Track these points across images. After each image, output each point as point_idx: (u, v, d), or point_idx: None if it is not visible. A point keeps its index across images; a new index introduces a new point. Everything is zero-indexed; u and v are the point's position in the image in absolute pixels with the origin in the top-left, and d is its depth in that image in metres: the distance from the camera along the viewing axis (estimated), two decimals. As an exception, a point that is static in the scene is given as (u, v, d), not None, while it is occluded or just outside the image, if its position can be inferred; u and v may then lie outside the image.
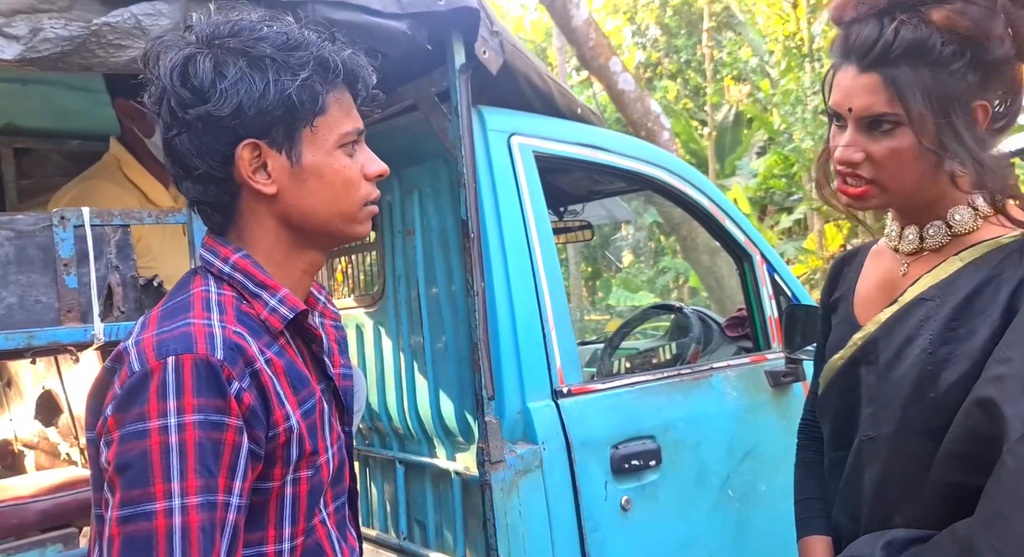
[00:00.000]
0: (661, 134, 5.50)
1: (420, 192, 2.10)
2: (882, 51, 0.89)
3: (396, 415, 2.20)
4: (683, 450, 1.97)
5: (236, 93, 0.78)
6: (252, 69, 0.79)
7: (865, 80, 0.90)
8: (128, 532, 0.70)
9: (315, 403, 0.85)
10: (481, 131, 1.83)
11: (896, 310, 0.96)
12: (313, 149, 0.83)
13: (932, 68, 0.88)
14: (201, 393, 0.73)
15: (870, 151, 0.92)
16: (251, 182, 0.82)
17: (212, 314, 0.79)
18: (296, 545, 0.82)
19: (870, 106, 0.90)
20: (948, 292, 0.92)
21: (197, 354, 0.74)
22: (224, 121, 0.79)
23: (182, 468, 0.71)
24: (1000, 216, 0.91)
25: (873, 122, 0.91)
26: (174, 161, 0.83)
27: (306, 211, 0.84)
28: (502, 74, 1.79)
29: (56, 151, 2.37)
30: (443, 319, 2.02)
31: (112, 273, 1.16)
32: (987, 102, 0.91)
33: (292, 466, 0.80)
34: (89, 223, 1.13)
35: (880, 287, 1.04)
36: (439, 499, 2.08)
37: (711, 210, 2.30)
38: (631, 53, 14.57)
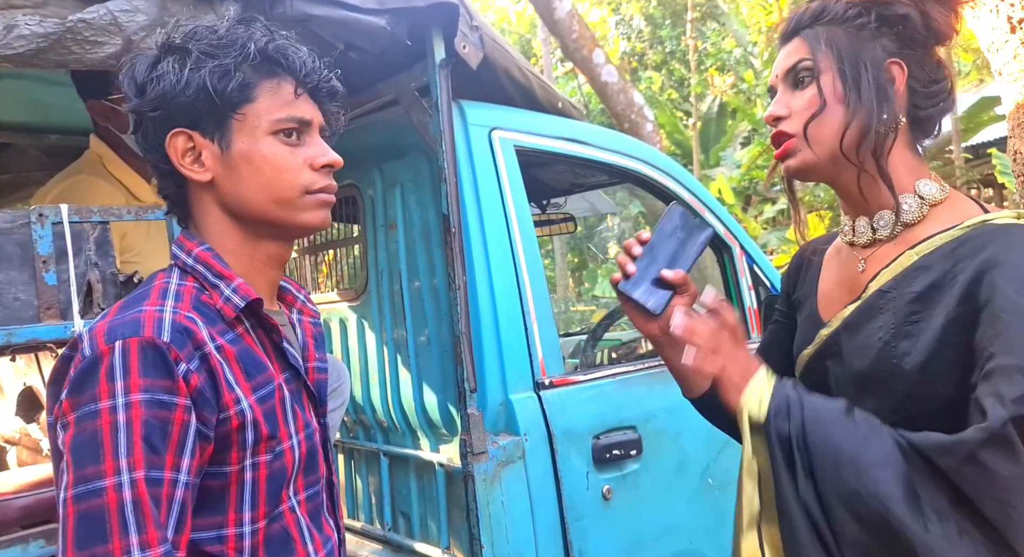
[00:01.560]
0: (644, 126, 5.51)
1: (402, 186, 2.11)
2: (796, 21, 0.99)
3: (380, 408, 2.21)
4: (664, 440, 2.00)
5: (160, 86, 0.84)
6: (178, 63, 0.84)
7: (788, 47, 0.99)
8: (81, 509, 0.72)
9: (273, 390, 0.87)
10: (462, 125, 1.84)
11: (858, 305, 0.97)
12: (242, 136, 0.87)
13: (842, 26, 0.95)
14: (147, 373, 0.76)
15: (792, 105, 0.97)
16: (183, 170, 0.87)
17: (167, 302, 0.83)
18: (258, 529, 0.84)
19: (790, 61, 0.98)
20: (905, 285, 0.92)
21: (144, 337, 0.77)
22: (153, 113, 0.85)
23: (129, 444, 0.73)
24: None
25: (795, 78, 0.97)
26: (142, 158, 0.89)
27: (240, 198, 0.88)
28: (482, 69, 1.80)
29: (34, 146, 2.35)
30: (426, 313, 2.03)
31: (91, 270, 1.17)
32: (902, 62, 0.94)
33: (249, 450, 0.83)
34: (68, 220, 1.13)
35: (841, 284, 1.04)
36: (423, 490, 2.10)
37: (690, 202, 2.32)
38: (615, 44, 14.57)
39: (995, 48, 1.84)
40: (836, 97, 0.94)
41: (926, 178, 0.97)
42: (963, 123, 8.90)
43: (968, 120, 9.08)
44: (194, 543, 0.81)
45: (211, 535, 0.82)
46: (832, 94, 0.94)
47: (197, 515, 0.81)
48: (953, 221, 0.92)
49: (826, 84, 0.94)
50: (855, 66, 0.94)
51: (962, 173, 8.36)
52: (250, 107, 0.86)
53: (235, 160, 0.87)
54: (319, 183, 0.91)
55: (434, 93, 1.71)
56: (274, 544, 0.86)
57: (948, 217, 0.93)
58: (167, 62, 0.85)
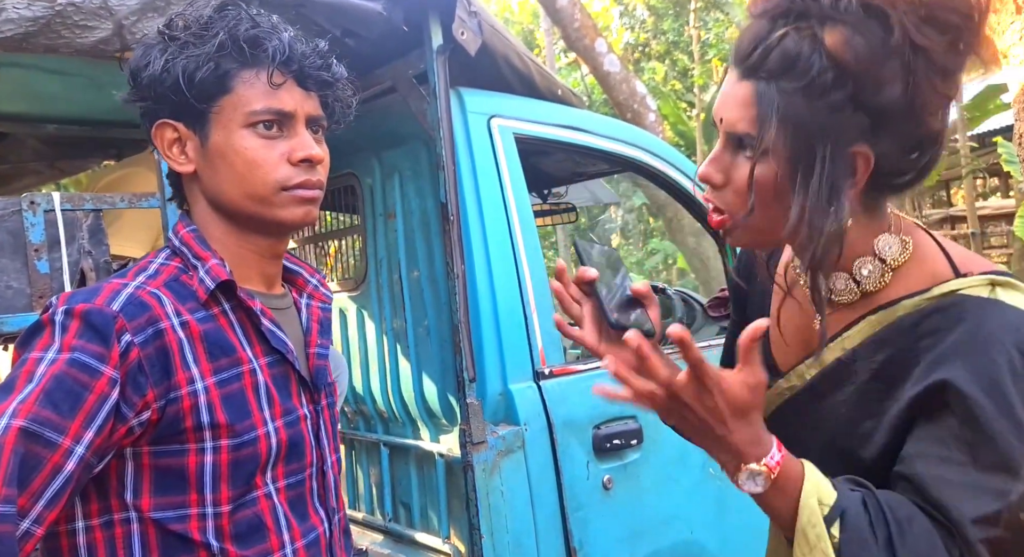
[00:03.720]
0: (647, 116, 5.48)
1: (401, 175, 2.09)
2: (759, 58, 0.77)
3: (380, 398, 2.20)
4: (664, 430, 1.96)
5: (143, 77, 0.84)
6: (160, 52, 0.83)
7: (740, 90, 0.79)
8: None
9: (240, 374, 0.85)
10: (460, 113, 1.83)
11: (817, 372, 0.87)
12: (218, 129, 0.85)
13: (806, 92, 0.74)
14: (82, 336, 0.75)
15: (730, 175, 0.81)
16: (169, 161, 0.88)
17: (138, 278, 0.83)
18: (222, 513, 0.83)
19: (736, 123, 0.79)
20: (866, 357, 0.82)
21: (93, 305, 0.77)
22: (141, 104, 0.86)
23: (30, 393, 0.71)
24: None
25: (739, 142, 0.80)
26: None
27: (217, 192, 0.87)
28: (481, 55, 1.78)
29: (32, 136, 2.34)
30: (425, 302, 2.02)
31: (85, 258, 1.16)
32: (871, 152, 0.76)
33: (208, 433, 0.81)
34: (60, 208, 1.12)
35: (797, 333, 0.91)
36: (423, 481, 2.10)
37: (693, 191, 2.30)
38: (619, 34, 14.49)
39: (1000, 30, 1.81)
40: (778, 190, 0.77)
41: (885, 233, 0.83)
42: (968, 112, 8.84)
43: (973, 108, 9.01)
44: (160, 522, 0.81)
45: (173, 514, 0.81)
46: (774, 186, 0.77)
47: (160, 493, 0.80)
48: (920, 283, 0.81)
49: (769, 171, 0.77)
50: (809, 156, 0.75)
51: (967, 162, 8.31)
52: (226, 99, 0.84)
53: (211, 154, 0.85)
54: (295, 178, 0.86)
55: (432, 80, 1.69)
56: (243, 529, 0.85)
57: (914, 276, 0.82)
58: (153, 51, 0.84)
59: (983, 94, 8.99)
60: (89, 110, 2.29)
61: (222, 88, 0.83)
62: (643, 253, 11.99)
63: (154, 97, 0.84)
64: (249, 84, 0.84)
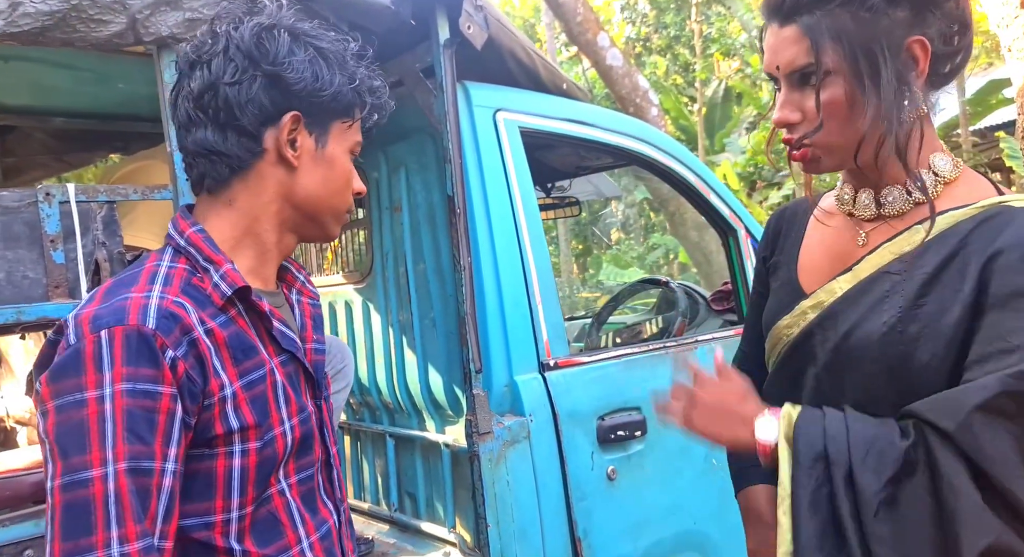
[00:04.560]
0: (649, 110, 5.49)
1: (407, 168, 2.10)
2: (794, 1, 0.85)
3: (386, 389, 2.22)
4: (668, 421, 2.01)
5: (307, 69, 0.87)
6: (320, 57, 0.89)
7: (786, 33, 0.86)
8: (68, 499, 0.73)
9: (264, 375, 0.88)
10: (467, 107, 1.84)
11: (857, 283, 0.90)
12: (336, 143, 0.93)
13: (848, 8, 0.83)
14: (131, 362, 0.76)
15: (804, 108, 0.87)
16: (283, 148, 0.88)
17: (154, 286, 0.82)
18: (245, 514, 0.84)
19: (792, 60, 0.86)
20: (915, 266, 0.85)
21: (128, 325, 0.77)
22: (289, 87, 0.86)
23: (114, 435, 0.74)
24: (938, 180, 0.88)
25: (801, 77, 0.86)
26: (207, 107, 0.87)
27: (311, 193, 0.92)
28: (487, 49, 1.79)
29: (39, 129, 2.35)
30: (431, 294, 2.04)
31: (99, 249, 1.17)
32: (924, 38, 0.83)
33: (237, 436, 0.83)
34: (74, 199, 1.14)
35: (829, 253, 0.96)
36: (429, 471, 2.12)
37: (696, 185, 2.32)
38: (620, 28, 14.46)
39: (1004, 24, 1.82)
40: (849, 103, 0.84)
41: (940, 152, 0.90)
42: (971, 106, 8.82)
43: (976, 103, 9.00)
44: (181, 529, 0.81)
45: (198, 522, 0.82)
46: (846, 99, 0.84)
47: (184, 502, 0.81)
48: (966, 200, 0.86)
49: (837, 89, 0.84)
50: (871, 60, 0.82)
51: (970, 157, 8.30)
52: (348, 122, 0.93)
53: (324, 160, 0.92)
54: (350, 205, 0.98)
55: (438, 74, 1.70)
56: (261, 528, 0.86)
57: (960, 195, 0.87)
58: (307, 50, 0.88)
59: (985, 89, 8.98)
60: (96, 104, 2.30)
61: (350, 112, 0.93)
62: (644, 248, 11.99)
63: (297, 90, 0.87)
64: (359, 119, 0.95)
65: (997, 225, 0.82)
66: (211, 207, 0.91)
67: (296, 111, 0.88)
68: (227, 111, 0.86)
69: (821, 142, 0.87)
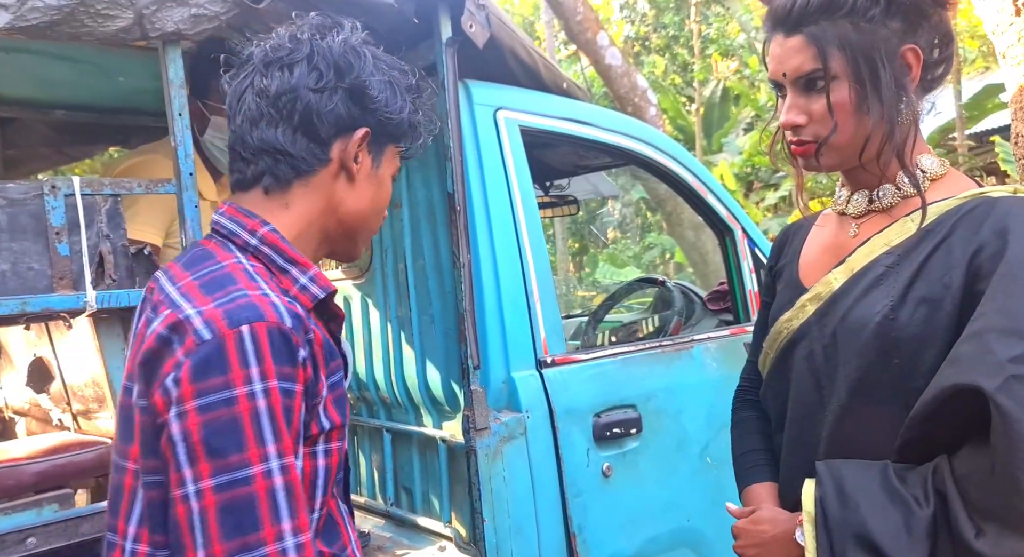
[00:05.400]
0: (648, 109, 5.50)
1: (407, 165, 2.11)
2: (800, 12, 0.93)
3: (384, 385, 2.24)
4: (664, 419, 2.03)
5: (384, 90, 0.91)
6: (394, 84, 0.93)
7: (792, 43, 0.94)
8: (226, 499, 0.71)
9: (342, 377, 0.89)
10: (467, 105, 1.85)
11: (852, 274, 0.96)
12: (386, 165, 0.96)
13: (850, 19, 0.91)
14: (277, 360, 0.75)
15: (810, 111, 0.95)
16: (348, 161, 0.90)
17: (259, 285, 0.80)
18: (321, 515, 0.85)
19: (800, 66, 0.93)
20: (905, 257, 0.91)
21: (269, 322, 0.76)
22: (367, 103, 0.90)
23: (275, 431, 0.73)
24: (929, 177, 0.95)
25: (807, 82, 0.94)
26: (283, 107, 0.87)
27: (359, 210, 0.94)
28: (488, 48, 1.80)
29: (41, 121, 2.35)
30: (430, 291, 2.05)
31: (103, 241, 1.18)
32: (917, 46, 0.92)
33: (323, 437, 0.83)
34: (80, 192, 1.15)
35: (826, 250, 1.04)
36: (426, 466, 2.13)
37: (694, 185, 2.33)
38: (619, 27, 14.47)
39: (1000, 31, 1.84)
40: (854, 105, 0.92)
41: (927, 153, 0.97)
42: (967, 111, 8.86)
43: (972, 108, 9.05)
44: None
45: None
46: (850, 103, 0.92)
47: None
48: (950, 193, 0.93)
49: (842, 93, 0.92)
50: (872, 67, 0.90)
51: (965, 160, 8.34)
52: (401, 148, 0.97)
53: (376, 180, 0.94)
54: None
55: (440, 72, 1.71)
56: (327, 528, 0.87)
57: (945, 190, 0.94)
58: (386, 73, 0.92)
59: (981, 93, 9.02)
60: (97, 97, 2.30)
61: (403, 139, 0.97)
62: (640, 247, 12.02)
63: (378, 109, 0.91)
64: (406, 148, 0.99)
65: (979, 215, 0.88)
66: (265, 207, 0.89)
67: (367, 128, 0.90)
68: (304, 115, 0.86)
69: (829, 141, 0.94)
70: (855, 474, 0.88)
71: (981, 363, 0.78)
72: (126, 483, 0.80)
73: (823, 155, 0.96)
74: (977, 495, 0.79)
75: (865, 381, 0.91)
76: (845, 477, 0.88)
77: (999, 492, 0.77)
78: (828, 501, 0.88)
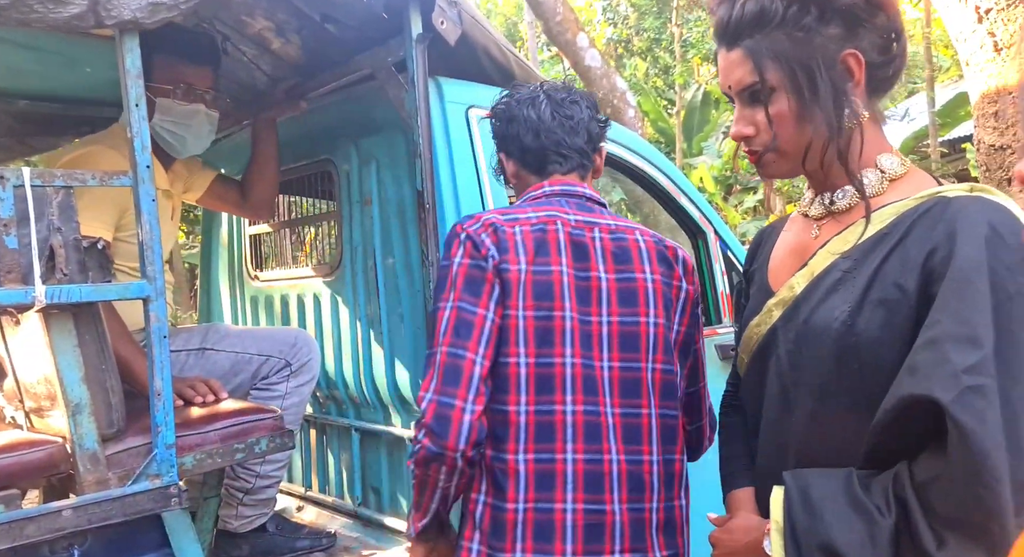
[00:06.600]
0: (627, 111, 5.52)
1: (378, 162, 2.09)
2: (735, 26, 0.94)
3: (353, 383, 2.21)
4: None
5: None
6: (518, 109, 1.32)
7: (732, 56, 0.96)
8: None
9: None
10: (439, 102, 1.83)
11: (811, 279, 0.95)
12: None
13: (783, 30, 0.91)
14: None
15: (756, 122, 0.96)
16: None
17: None
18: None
19: (741, 79, 0.95)
20: (863, 261, 0.90)
21: None
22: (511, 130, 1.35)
23: None
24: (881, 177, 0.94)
25: (750, 94, 0.95)
26: (559, 139, 1.29)
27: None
28: (461, 45, 1.78)
29: (4, 111, 2.29)
30: (399, 289, 2.03)
31: (54, 235, 1.15)
32: (857, 51, 0.91)
33: None
34: (29, 183, 1.12)
35: (791, 252, 1.04)
36: (394, 466, 2.11)
37: (667, 187, 2.33)
38: (601, 29, 14.51)
39: (963, 38, 1.86)
40: (795, 115, 0.92)
41: (887, 152, 0.96)
42: (940, 118, 9.01)
43: (945, 115, 9.20)
44: None
45: None
46: (789, 113, 0.92)
47: None
48: (909, 193, 0.92)
49: (781, 104, 0.93)
50: (808, 75, 0.90)
51: (938, 167, 8.47)
52: None
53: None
54: None
55: (410, 69, 1.69)
56: None
57: (906, 190, 0.93)
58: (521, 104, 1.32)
59: (953, 101, 9.18)
60: (62, 87, 2.25)
61: None
62: (620, 248, 12.03)
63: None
64: None
65: (934, 216, 0.87)
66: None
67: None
68: (590, 137, 1.31)
69: (778, 148, 0.96)
70: (820, 483, 0.88)
71: (937, 373, 0.77)
72: None
73: (768, 165, 0.97)
74: (938, 503, 0.78)
75: (828, 387, 0.91)
76: (811, 486, 0.88)
77: (959, 504, 0.76)
78: (794, 511, 0.87)
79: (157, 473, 1.31)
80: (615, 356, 1.13)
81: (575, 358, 1.11)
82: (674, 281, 1.21)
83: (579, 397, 1.10)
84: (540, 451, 1.08)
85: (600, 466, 1.10)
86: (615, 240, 1.20)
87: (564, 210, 1.20)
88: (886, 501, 0.82)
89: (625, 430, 1.12)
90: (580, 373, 1.11)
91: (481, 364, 1.06)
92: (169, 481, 1.31)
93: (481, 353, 1.07)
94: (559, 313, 1.11)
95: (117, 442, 1.36)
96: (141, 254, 1.27)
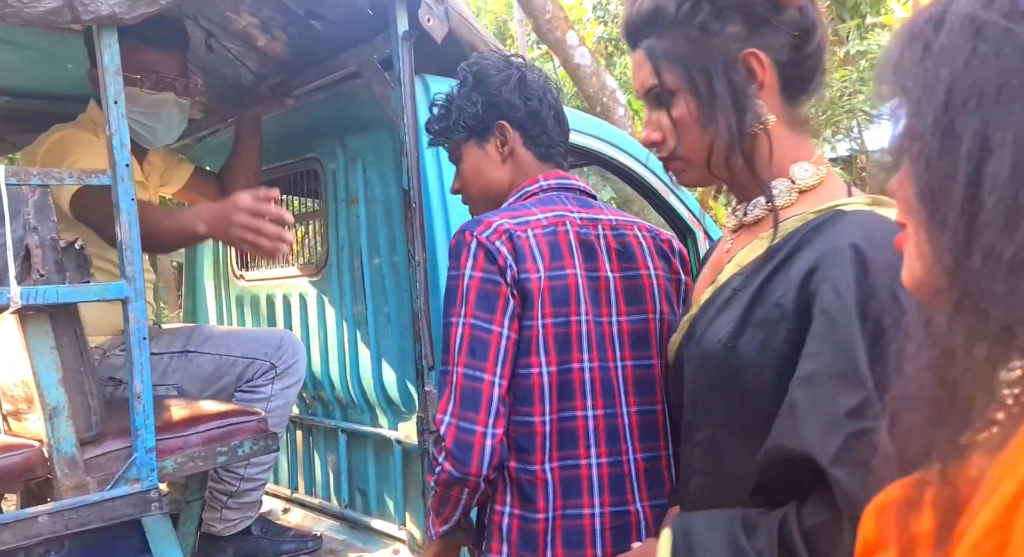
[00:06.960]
0: (616, 109, 5.50)
1: (364, 160, 2.07)
2: (634, 27, 0.90)
3: (339, 384, 2.19)
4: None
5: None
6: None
7: (636, 58, 0.92)
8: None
9: None
10: (425, 100, 1.81)
11: (710, 295, 0.90)
12: None
13: (679, 30, 0.86)
14: None
15: (662, 127, 0.91)
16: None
17: None
18: None
19: (644, 81, 0.91)
20: (752, 278, 0.84)
21: None
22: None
23: None
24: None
25: (655, 97, 0.91)
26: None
27: None
28: (448, 43, 1.76)
29: (-20, 108, 2.26)
30: (386, 289, 2.01)
31: (30, 234, 1.12)
32: (759, 50, 0.84)
33: None
34: (4, 182, 1.09)
35: (711, 266, 0.98)
36: (380, 467, 2.09)
37: (656, 186, 2.33)
38: (592, 27, 14.51)
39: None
40: (696, 118, 0.87)
41: (804, 161, 0.88)
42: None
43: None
44: None
45: None
46: (691, 116, 0.87)
47: None
48: (816, 205, 0.84)
49: (682, 107, 0.88)
50: (705, 78, 0.85)
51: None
52: None
53: None
54: None
55: (396, 66, 1.67)
56: None
57: (814, 201, 0.85)
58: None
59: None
60: (44, 83, 2.22)
61: None
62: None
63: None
64: None
65: (823, 232, 0.79)
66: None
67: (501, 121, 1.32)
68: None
69: (685, 155, 0.91)
70: (704, 531, 0.83)
71: (817, 420, 0.71)
72: None
73: (678, 173, 0.93)
74: (826, 551, 0.73)
75: (719, 411, 0.86)
76: (694, 533, 0.83)
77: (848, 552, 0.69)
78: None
79: (137, 477, 1.29)
80: (627, 355, 1.13)
81: (592, 362, 1.10)
82: (673, 274, 1.23)
83: (599, 401, 1.10)
84: (564, 458, 1.08)
85: (620, 468, 1.10)
86: (617, 237, 1.19)
87: (568, 208, 1.19)
88: (770, 548, 0.77)
89: (641, 428, 1.13)
90: (598, 377, 1.10)
91: (499, 385, 1.04)
92: (149, 485, 1.29)
93: (499, 373, 1.04)
94: (575, 318, 1.10)
95: (96, 446, 1.34)
96: (121, 254, 1.24)
